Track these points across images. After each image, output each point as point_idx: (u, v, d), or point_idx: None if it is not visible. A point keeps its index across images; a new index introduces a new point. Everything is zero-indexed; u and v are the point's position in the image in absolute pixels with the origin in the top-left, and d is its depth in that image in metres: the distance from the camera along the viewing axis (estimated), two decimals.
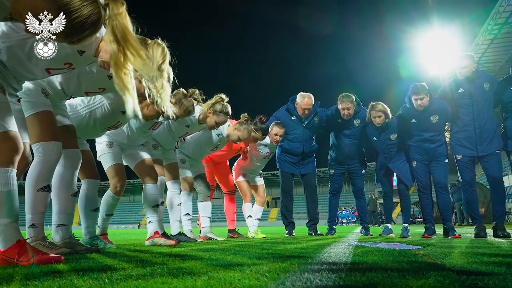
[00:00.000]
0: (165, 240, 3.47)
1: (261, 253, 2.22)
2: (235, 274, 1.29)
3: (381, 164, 4.97)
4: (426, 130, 4.50)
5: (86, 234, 3.15)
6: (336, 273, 1.30)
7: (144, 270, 1.45)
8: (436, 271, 1.33)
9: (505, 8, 15.27)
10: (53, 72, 2.11)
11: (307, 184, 5.62)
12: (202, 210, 4.74)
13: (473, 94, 4.32)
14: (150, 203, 3.56)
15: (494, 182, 4.34)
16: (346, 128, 5.26)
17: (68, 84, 2.47)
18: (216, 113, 3.84)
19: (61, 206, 2.54)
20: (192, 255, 2.15)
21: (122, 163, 3.50)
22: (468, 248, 2.63)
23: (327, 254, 2.13)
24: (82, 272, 1.39)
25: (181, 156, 4.45)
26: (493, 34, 17.17)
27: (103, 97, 2.85)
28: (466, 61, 4.33)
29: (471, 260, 1.76)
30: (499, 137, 4.33)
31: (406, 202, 5.00)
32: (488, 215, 13.50)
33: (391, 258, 1.82)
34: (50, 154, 2.30)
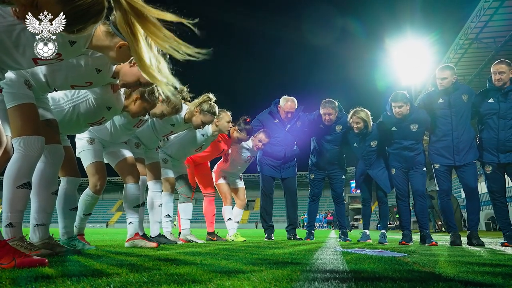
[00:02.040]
0: (145, 242, 3.36)
1: (252, 259, 2.17)
2: (243, 282, 1.24)
3: (361, 171, 5.03)
4: (406, 138, 4.58)
5: (63, 234, 2.99)
6: (345, 282, 1.27)
7: (141, 276, 1.38)
8: (442, 282, 1.32)
9: (476, 24, 15.93)
10: (40, 63, 1.99)
11: (287, 188, 5.62)
12: (183, 211, 4.65)
13: (452, 105, 4.44)
14: (131, 203, 3.44)
15: (470, 192, 4.47)
16: (327, 134, 5.29)
17: (54, 76, 2.34)
18: (203, 113, 3.78)
19: (40, 204, 2.41)
20: (183, 260, 2.08)
21: (103, 161, 3.37)
22: (451, 256, 2.68)
23: (320, 260, 2.11)
24: (75, 278, 1.30)
25: (164, 156, 4.34)
26: (464, 49, 17.88)
27: (88, 91, 2.73)
28: (447, 72, 4.44)
29: (463, 270, 1.78)
30: (475, 148, 4.47)
31: (384, 209, 5.08)
32: (455, 223, 13.97)
33: (388, 266, 1.81)
34: (32, 149, 2.17)
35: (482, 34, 16.69)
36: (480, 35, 16.73)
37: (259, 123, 5.37)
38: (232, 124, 4.66)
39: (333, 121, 5.16)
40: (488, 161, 4.39)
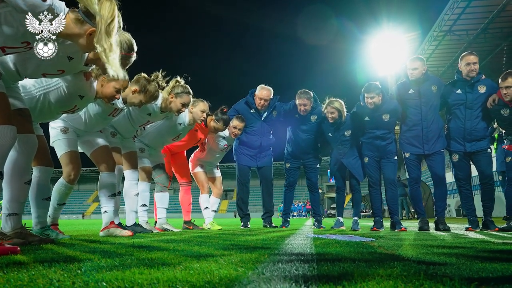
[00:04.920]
0: (121, 231, 3.38)
1: (225, 244, 2.24)
2: (211, 264, 1.30)
3: (335, 160, 5.16)
4: (378, 128, 4.72)
5: (36, 224, 2.98)
6: (307, 263, 1.35)
7: (112, 261, 1.42)
8: (399, 261, 1.42)
9: (449, 17, 16.30)
10: (8, 51, 1.97)
11: (263, 177, 5.70)
12: (159, 201, 4.66)
13: (422, 95, 4.58)
14: (106, 192, 3.44)
15: (438, 179, 4.65)
16: (303, 124, 5.37)
17: (25, 65, 2.31)
18: (178, 96, 3.79)
19: (13, 194, 2.39)
20: (156, 246, 2.12)
21: (77, 150, 3.34)
22: (416, 240, 2.82)
23: (289, 245, 2.19)
24: (47, 263, 1.34)
25: (140, 145, 4.33)
26: (438, 40, 18.30)
27: (60, 79, 2.70)
28: (417, 63, 4.58)
29: (423, 252, 1.90)
30: (443, 137, 4.65)
31: (357, 196, 5.23)
32: (427, 210, 14.48)
33: (353, 250, 1.91)
34: (4, 138, 2.14)
35: (456, 27, 17.10)
36: (453, 27, 17.13)
37: (235, 113, 5.40)
38: (209, 113, 4.69)
39: (308, 111, 5.24)
40: (455, 150, 4.58)
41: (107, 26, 1.92)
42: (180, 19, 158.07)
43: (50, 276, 1.07)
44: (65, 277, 1.05)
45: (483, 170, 4.49)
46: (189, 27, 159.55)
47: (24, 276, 1.06)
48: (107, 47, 1.86)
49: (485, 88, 4.41)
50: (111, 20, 1.93)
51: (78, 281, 0.99)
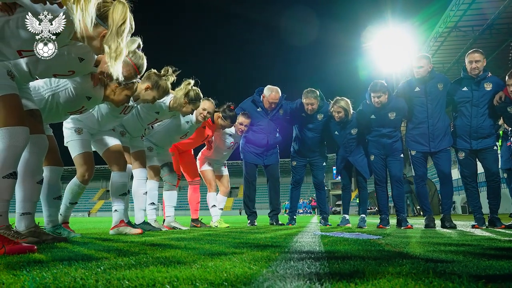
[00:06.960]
0: (131, 229, 3.43)
1: (235, 242, 2.28)
2: (225, 262, 1.34)
3: (341, 158, 5.19)
4: (384, 126, 4.73)
5: (48, 223, 3.04)
6: (318, 261, 1.39)
7: (129, 260, 1.47)
8: (407, 259, 1.45)
9: (455, 13, 16.21)
10: (24, 54, 2.02)
11: (270, 175, 5.73)
12: (168, 199, 4.72)
13: (428, 93, 4.59)
14: (117, 191, 3.50)
15: (444, 177, 4.66)
16: (309, 122, 5.40)
17: (36, 65, 2.36)
18: (192, 102, 3.85)
19: (26, 194, 2.44)
20: (168, 244, 2.17)
21: (91, 151, 3.39)
22: (423, 238, 2.85)
23: (298, 243, 2.23)
24: (66, 262, 1.38)
25: (148, 144, 4.38)
26: (443, 37, 18.21)
27: (68, 80, 2.75)
28: (423, 61, 4.58)
29: (430, 249, 1.92)
30: (449, 135, 4.65)
31: (364, 194, 5.26)
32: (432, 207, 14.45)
33: (361, 247, 1.94)
34: (17, 139, 2.20)
35: (461, 23, 17.01)
36: (459, 23, 17.04)
37: (241, 111, 5.44)
38: (216, 110, 4.73)
39: (315, 110, 5.27)
40: (461, 147, 4.59)
41: (118, 28, 1.98)
42: (168, 17, 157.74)
43: (72, 274, 1.12)
44: (87, 275, 1.09)
45: (489, 167, 4.49)
46: (187, 27, 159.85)
47: (48, 275, 1.10)
48: (114, 47, 1.91)
49: (491, 86, 4.41)
50: (123, 22, 1.99)
51: (100, 278, 1.03)
